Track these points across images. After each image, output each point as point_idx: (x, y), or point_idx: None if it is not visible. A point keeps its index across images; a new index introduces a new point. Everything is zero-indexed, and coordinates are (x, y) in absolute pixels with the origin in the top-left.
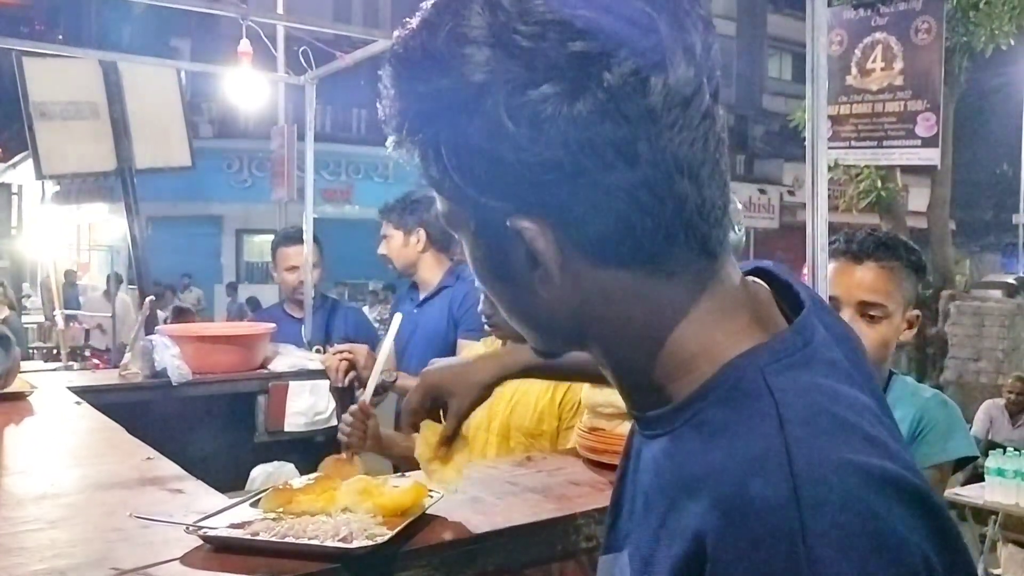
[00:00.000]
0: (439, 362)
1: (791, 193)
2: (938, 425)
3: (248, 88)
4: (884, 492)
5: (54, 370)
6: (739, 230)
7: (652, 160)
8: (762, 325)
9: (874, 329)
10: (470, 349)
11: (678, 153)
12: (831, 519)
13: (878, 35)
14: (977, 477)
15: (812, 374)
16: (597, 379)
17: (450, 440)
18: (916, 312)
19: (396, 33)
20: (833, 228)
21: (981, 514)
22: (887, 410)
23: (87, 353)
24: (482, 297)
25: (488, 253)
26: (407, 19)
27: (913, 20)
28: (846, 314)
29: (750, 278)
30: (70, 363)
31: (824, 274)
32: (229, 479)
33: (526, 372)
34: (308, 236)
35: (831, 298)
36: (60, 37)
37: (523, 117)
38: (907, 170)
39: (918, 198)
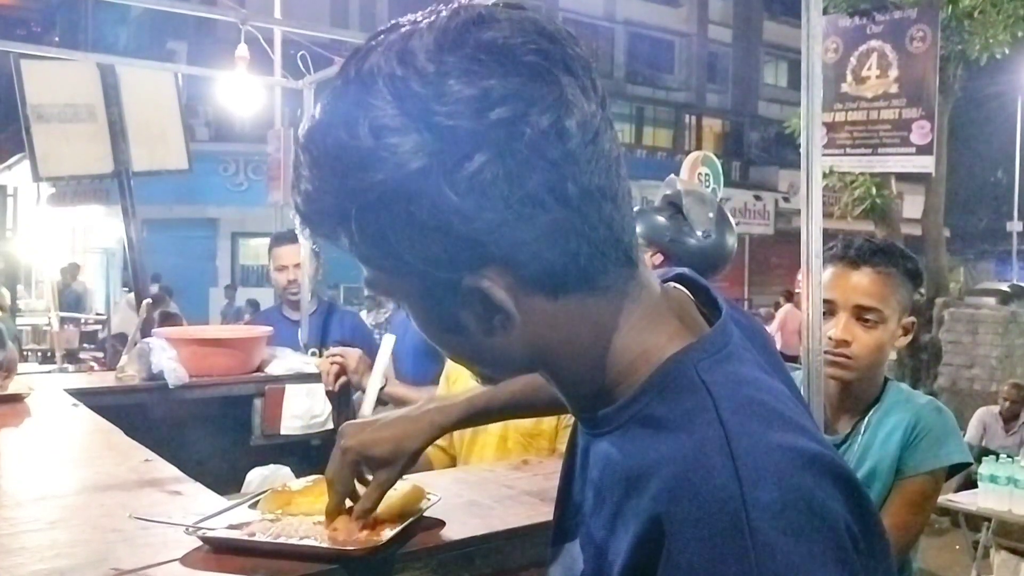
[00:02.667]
0: (354, 424)
1: (786, 199)
2: (932, 431)
3: (245, 92)
4: (810, 469)
5: (49, 372)
6: (717, 235)
7: (580, 194)
8: (688, 327)
9: (869, 334)
10: None
11: (600, 183)
12: (768, 494)
13: (873, 43)
14: (970, 484)
15: (736, 367)
16: (535, 411)
17: (368, 513)
18: (912, 319)
19: (303, 130)
20: (828, 235)
21: (974, 520)
22: (798, 393)
23: (81, 356)
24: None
25: (439, 313)
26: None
27: (908, 28)
28: (841, 318)
29: (671, 284)
30: (65, 365)
31: (818, 280)
32: (225, 482)
33: (459, 425)
34: (304, 239)
35: (827, 302)
36: (56, 39)
37: (464, 189)
38: (902, 177)
39: (913, 206)
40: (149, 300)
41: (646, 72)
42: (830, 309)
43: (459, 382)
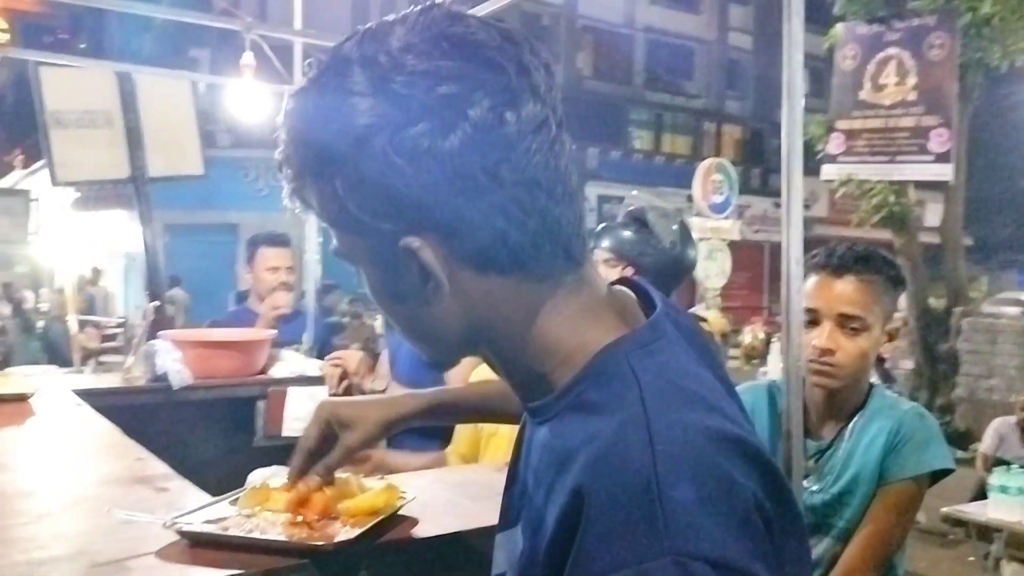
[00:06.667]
0: (332, 400)
1: (806, 207)
2: (914, 437)
3: (253, 99)
4: (721, 446)
5: (66, 373)
6: (681, 247)
7: (515, 180)
8: (627, 323)
9: (854, 342)
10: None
11: (536, 174)
12: (678, 466)
13: (891, 50)
14: (983, 495)
15: (666, 357)
16: (504, 417)
17: (329, 472)
18: (895, 325)
19: (288, 93)
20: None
21: (986, 532)
22: (729, 386)
23: (103, 359)
24: None
25: (384, 276)
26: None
27: (927, 36)
28: (826, 327)
29: (618, 287)
30: (82, 368)
31: (797, 287)
32: (228, 482)
33: (424, 413)
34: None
35: (811, 310)
36: (82, 46)
37: (405, 151)
38: (923, 186)
39: (934, 214)
40: (157, 303)
41: (666, 79)
42: (814, 318)
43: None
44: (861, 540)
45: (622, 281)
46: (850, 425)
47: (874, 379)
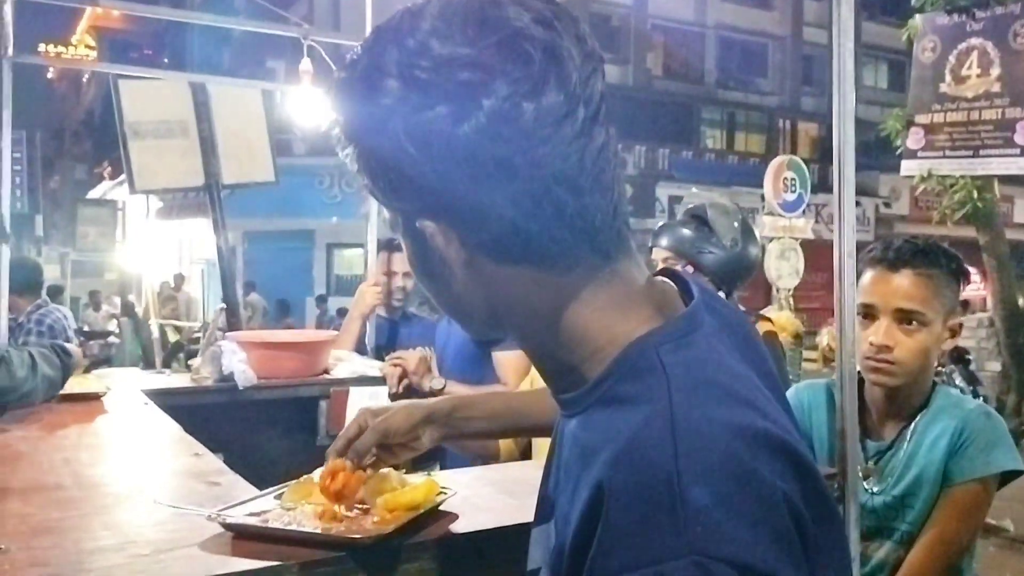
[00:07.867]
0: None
1: (887, 205)
2: (980, 438)
3: (311, 105)
4: (750, 443)
5: (151, 374)
6: (742, 245)
7: (528, 173)
8: (663, 315)
9: (912, 338)
10: (508, 361)
11: (552, 166)
12: (700, 460)
13: (973, 41)
14: None
15: (699, 351)
16: (520, 430)
17: (361, 456)
18: (959, 320)
19: (335, 71)
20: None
21: None
22: (772, 382)
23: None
24: None
25: (413, 251)
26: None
27: (1011, 25)
28: (883, 323)
29: (660, 278)
30: (163, 370)
31: (850, 282)
32: (291, 480)
33: (445, 412)
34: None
35: (867, 306)
36: (165, 60)
37: (418, 135)
38: (1011, 180)
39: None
40: (223, 306)
41: (738, 77)
42: (871, 314)
43: (537, 381)
44: (926, 544)
45: (666, 273)
46: (912, 425)
47: (959, 381)
